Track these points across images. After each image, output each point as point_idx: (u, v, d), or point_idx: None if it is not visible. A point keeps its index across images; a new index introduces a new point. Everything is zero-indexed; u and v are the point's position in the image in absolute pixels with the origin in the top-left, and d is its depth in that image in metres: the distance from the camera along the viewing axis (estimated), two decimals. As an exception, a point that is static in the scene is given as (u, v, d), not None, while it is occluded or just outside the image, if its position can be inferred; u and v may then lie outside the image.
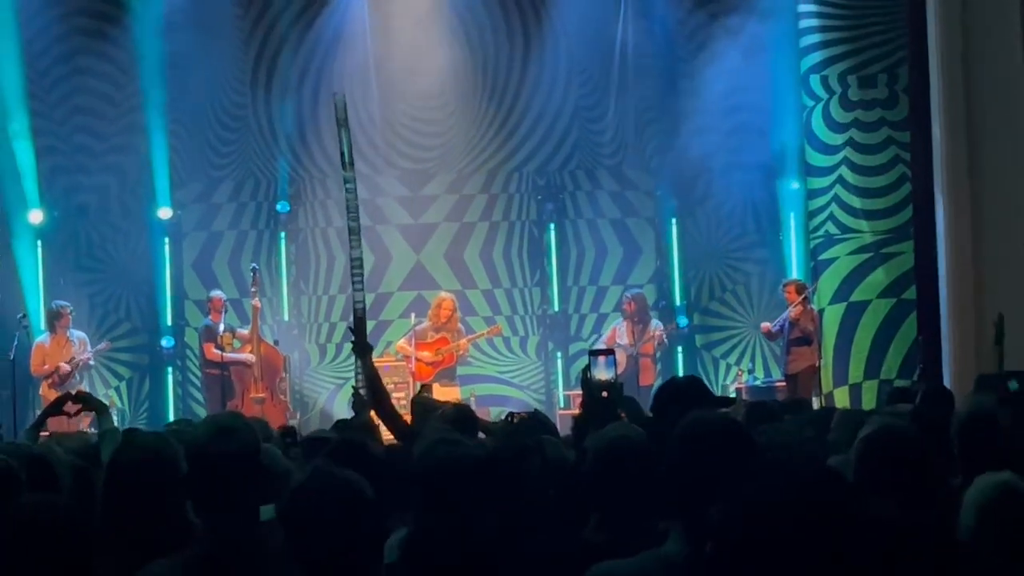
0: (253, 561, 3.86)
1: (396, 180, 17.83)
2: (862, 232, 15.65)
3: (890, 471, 4.13)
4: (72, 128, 17.05)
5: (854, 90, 15.74)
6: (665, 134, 17.12)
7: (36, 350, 15.25)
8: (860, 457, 4.30)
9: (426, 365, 15.35)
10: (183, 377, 17.44)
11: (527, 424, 6.20)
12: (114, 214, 17.21)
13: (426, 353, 15.41)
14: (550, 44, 17.52)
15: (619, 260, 17.73)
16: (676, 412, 5.24)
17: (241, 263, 17.33)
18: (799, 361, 15.12)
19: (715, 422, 4.12)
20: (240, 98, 17.56)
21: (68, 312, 15.36)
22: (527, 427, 6.06)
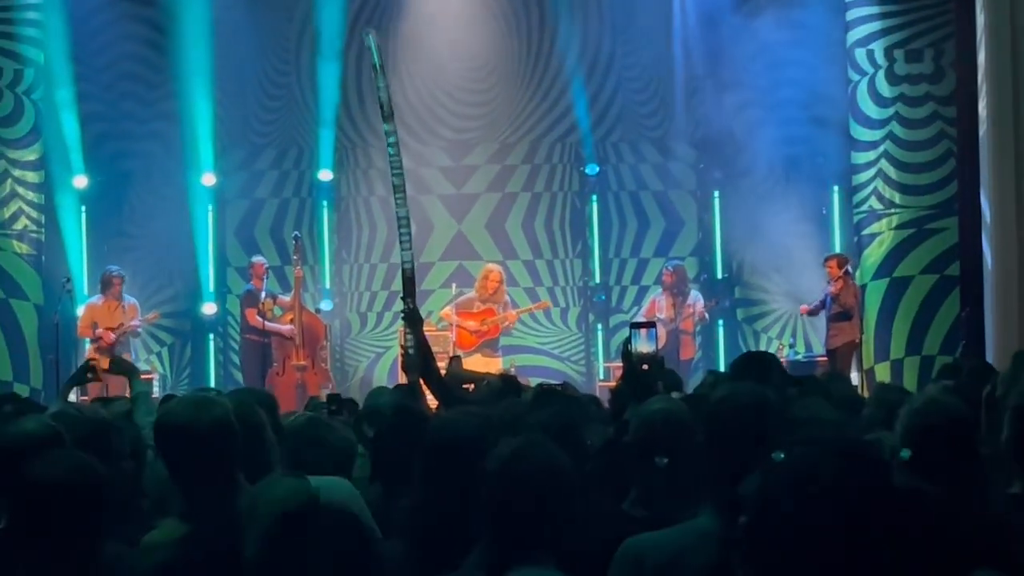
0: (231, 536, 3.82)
1: (439, 150, 17.84)
2: (906, 207, 15.55)
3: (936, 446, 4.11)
4: (118, 94, 17.10)
5: (900, 64, 15.62)
6: (709, 106, 17.04)
7: (86, 311, 15.38)
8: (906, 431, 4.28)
9: (471, 334, 15.34)
10: (224, 344, 17.52)
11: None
12: (157, 180, 17.26)
13: (471, 322, 15.40)
14: (595, 15, 17.48)
15: (661, 232, 17.70)
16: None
17: (283, 231, 17.38)
18: (840, 336, 15.07)
19: (747, 396, 4.12)
20: (284, 65, 17.60)
21: (119, 279, 15.44)
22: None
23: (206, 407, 4.18)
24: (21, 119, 15.63)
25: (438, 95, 17.81)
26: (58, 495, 3.55)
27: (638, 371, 5.27)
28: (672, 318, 15.65)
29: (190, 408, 4.17)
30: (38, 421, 4.12)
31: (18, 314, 15.45)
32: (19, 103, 15.62)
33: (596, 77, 17.54)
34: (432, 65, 17.60)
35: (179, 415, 4.17)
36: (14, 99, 15.59)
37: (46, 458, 3.65)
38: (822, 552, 2.51)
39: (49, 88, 15.97)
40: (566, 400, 5.97)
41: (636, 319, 15.86)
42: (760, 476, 2.66)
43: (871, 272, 15.64)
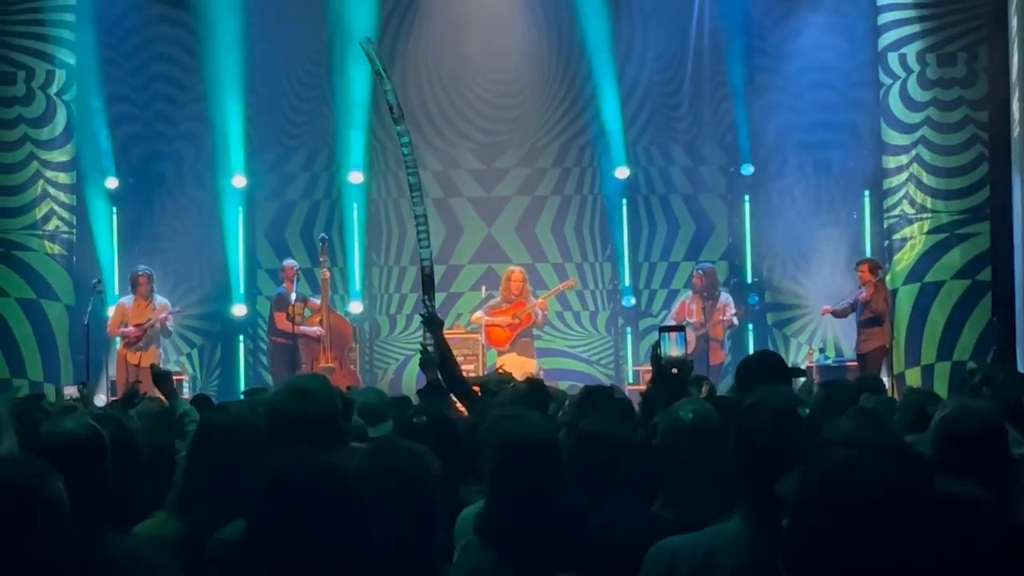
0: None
1: (469, 153, 17.84)
2: (938, 212, 15.49)
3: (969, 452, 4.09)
4: (150, 96, 17.16)
5: (932, 68, 15.56)
6: (740, 110, 17.00)
7: (117, 310, 15.40)
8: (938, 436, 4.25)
9: (503, 329, 15.34)
10: (254, 345, 17.56)
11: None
12: (189, 182, 17.32)
13: (503, 318, 15.40)
14: (626, 18, 17.45)
15: (691, 236, 17.66)
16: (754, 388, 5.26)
17: (314, 233, 17.40)
18: (870, 341, 15.01)
19: (776, 400, 4.12)
20: (315, 68, 17.62)
21: (148, 278, 15.45)
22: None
23: (310, 398, 4.29)
24: (53, 120, 15.72)
25: (468, 98, 17.81)
26: None
27: (667, 374, 5.25)
28: (702, 322, 15.59)
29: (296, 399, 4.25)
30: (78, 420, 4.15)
31: (49, 314, 15.53)
32: (51, 104, 15.70)
33: (626, 80, 17.49)
34: (462, 67, 17.61)
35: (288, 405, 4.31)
36: (46, 100, 15.67)
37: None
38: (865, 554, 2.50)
39: (81, 90, 16.03)
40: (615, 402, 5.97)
41: (665, 322, 15.87)
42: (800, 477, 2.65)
43: (902, 277, 15.59)
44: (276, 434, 4.32)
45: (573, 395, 6.78)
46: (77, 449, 3.92)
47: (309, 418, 4.27)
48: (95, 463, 3.95)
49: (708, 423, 4.56)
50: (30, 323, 15.43)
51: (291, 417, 4.28)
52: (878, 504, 2.52)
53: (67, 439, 3.96)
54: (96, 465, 3.94)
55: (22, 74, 15.62)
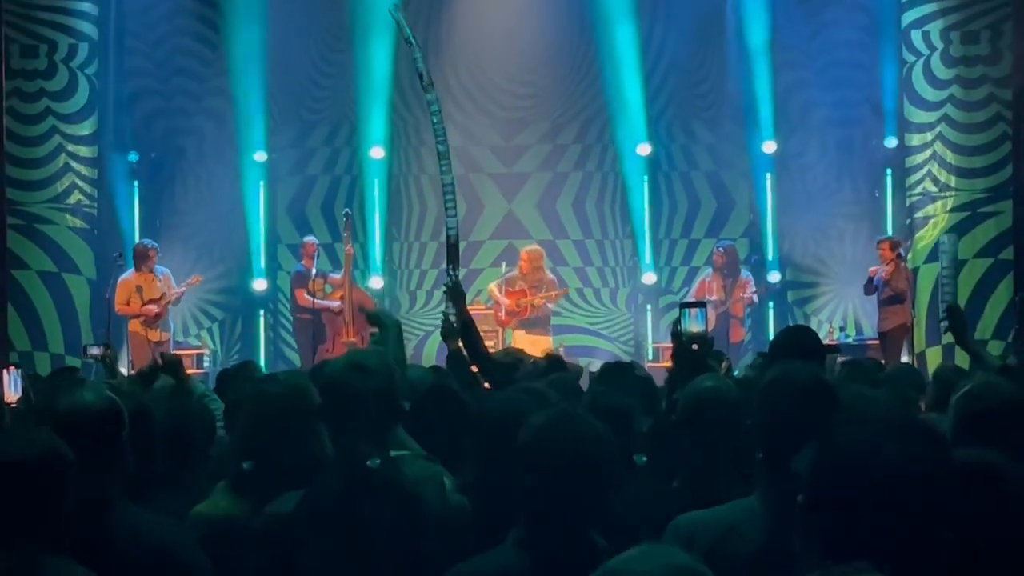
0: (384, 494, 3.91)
1: (490, 129, 17.81)
2: (960, 190, 15.43)
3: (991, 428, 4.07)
4: (171, 70, 17.17)
5: (956, 46, 15.48)
6: (762, 88, 16.92)
7: (121, 287, 15.06)
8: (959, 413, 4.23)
9: (506, 313, 15.32)
10: (274, 320, 17.59)
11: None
12: (210, 156, 17.33)
13: (508, 302, 15.37)
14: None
15: (712, 213, 17.63)
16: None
17: (334, 208, 17.41)
18: (891, 319, 14.98)
19: (798, 375, 4.10)
20: (336, 42, 17.59)
21: (155, 252, 15.33)
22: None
23: (370, 373, 4.31)
24: (75, 94, 15.72)
25: (489, 74, 17.77)
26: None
27: (688, 351, 5.23)
28: (722, 300, 15.57)
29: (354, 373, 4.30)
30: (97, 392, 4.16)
31: (71, 288, 15.56)
32: (73, 78, 15.71)
33: (649, 56, 17.42)
34: (484, 43, 17.56)
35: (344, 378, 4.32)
36: (68, 73, 15.68)
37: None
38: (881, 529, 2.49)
39: (103, 63, 16.04)
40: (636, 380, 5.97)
41: (686, 299, 15.84)
42: (816, 453, 2.64)
43: (924, 255, 15.54)
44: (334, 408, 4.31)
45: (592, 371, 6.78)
46: (94, 421, 3.93)
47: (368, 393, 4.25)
48: (111, 435, 3.96)
49: (727, 399, 4.56)
50: (52, 296, 15.46)
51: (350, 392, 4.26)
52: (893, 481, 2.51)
53: (84, 411, 3.97)
54: (112, 437, 3.96)
55: (44, 47, 15.63)
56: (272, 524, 4.09)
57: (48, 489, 3.39)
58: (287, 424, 4.41)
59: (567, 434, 3.56)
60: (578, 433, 3.57)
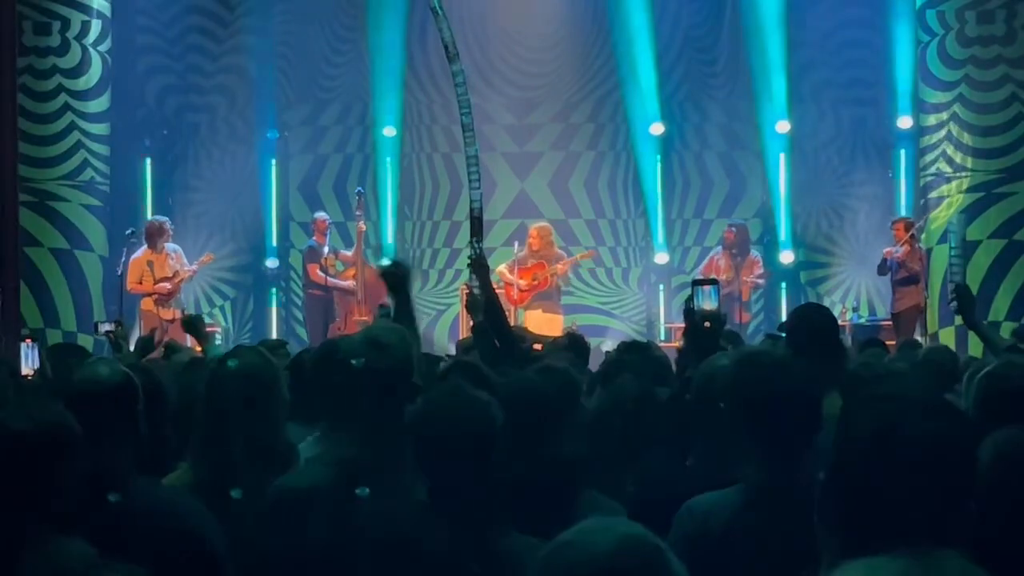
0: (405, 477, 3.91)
1: (502, 107, 17.77)
2: (975, 171, 15.36)
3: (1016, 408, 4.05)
4: (184, 47, 17.17)
5: (971, 26, 15.39)
6: (776, 67, 16.86)
7: (133, 265, 15.13)
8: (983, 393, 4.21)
9: (521, 291, 15.25)
10: (287, 299, 17.60)
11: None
12: (222, 134, 17.35)
13: (522, 280, 15.29)
14: (662, -27, 17.32)
15: (725, 193, 17.59)
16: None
17: (346, 187, 17.40)
18: (905, 300, 14.96)
19: (774, 356, 4.09)
20: (350, 20, 17.57)
21: (168, 227, 15.36)
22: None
23: (387, 351, 4.28)
24: (88, 71, 15.68)
25: (502, 52, 17.74)
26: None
27: (701, 329, 5.21)
28: (730, 279, 15.52)
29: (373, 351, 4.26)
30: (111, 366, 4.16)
31: (83, 265, 15.54)
32: (86, 54, 15.67)
33: (662, 36, 17.37)
34: (496, 22, 17.52)
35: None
36: (81, 50, 15.64)
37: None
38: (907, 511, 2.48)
39: (116, 40, 16.01)
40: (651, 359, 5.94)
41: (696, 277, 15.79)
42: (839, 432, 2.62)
43: (937, 236, 15.48)
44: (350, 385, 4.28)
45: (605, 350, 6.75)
46: (109, 395, 3.94)
47: (385, 371, 4.22)
48: (126, 409, 3.96)
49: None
50: (64, 273, 15.45)
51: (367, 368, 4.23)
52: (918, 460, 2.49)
53: (100, 385, 3.97)
54: (127, 411, 3.95)
55: (57, 24, 15.59)
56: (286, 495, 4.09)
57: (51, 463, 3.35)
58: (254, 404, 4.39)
59: (451, 409, 3.70)
60: (461, 407, 3.70)
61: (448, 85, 17.13)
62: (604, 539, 2.26)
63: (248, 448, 4.30)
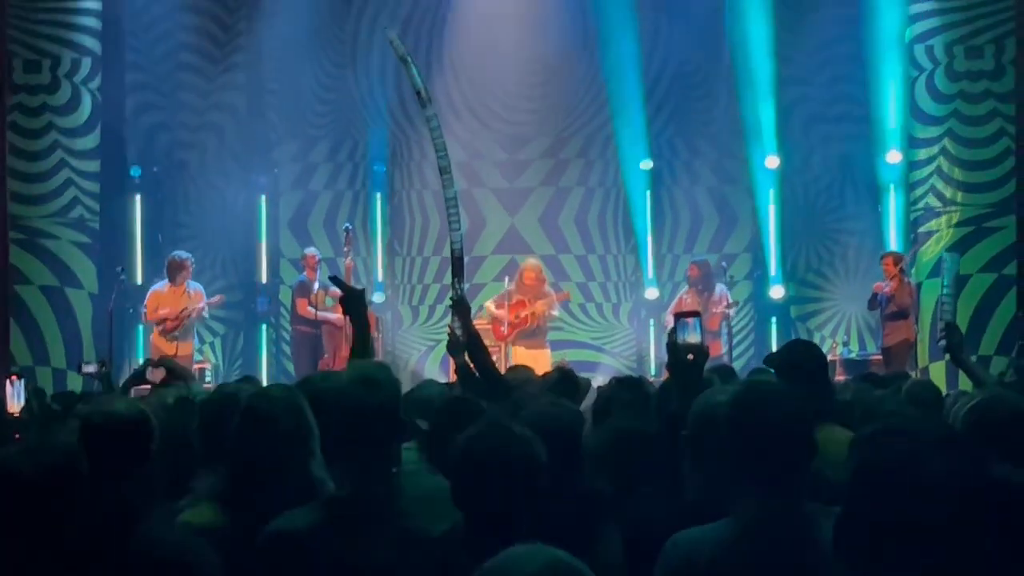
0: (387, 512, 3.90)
1: (493, 143, 17.81)
2: (964, 205, 15.40)
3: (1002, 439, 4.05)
4: (175, 85, 17.18)
5: (960, 61, 15.46)
6: (765, 103, 16.92)
7: (151, 297, 15.19)
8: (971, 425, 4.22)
9: (503, 326, 15.20)
10: (277, 335, 17.57)
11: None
12: (212, 171, 17.35)
13: (507, 315, 15.24)
14: (650, 10, 17.39)
15: (715, 228, 17.62)
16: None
17: (336, 223, 17.41)
18: (895, 335, 14.95)
19: (770, 387, 4.08)
20: (339, 57, 17.61)
21: (190, 264, 15.34)
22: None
23: (377, 387, 4.24)
24: (78, 108, 15.70)
25: (492, 88, 17.77)
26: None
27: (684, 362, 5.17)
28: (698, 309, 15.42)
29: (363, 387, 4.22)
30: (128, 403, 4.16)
31: (73, 303, 15.52)
32: (76, 92, 15.69)
33: (651, 72, 17.45)
34: (486, 59, 17.55)
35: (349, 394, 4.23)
36: (71, 88, 15.66)
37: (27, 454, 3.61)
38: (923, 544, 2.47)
39: (106, 77, 16.03)
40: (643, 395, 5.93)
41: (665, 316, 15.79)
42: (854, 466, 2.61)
43: (927, 270, 15.50)
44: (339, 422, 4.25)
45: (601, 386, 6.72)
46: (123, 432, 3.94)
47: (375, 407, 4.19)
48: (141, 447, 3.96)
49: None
50: (53, 311, 15.43)
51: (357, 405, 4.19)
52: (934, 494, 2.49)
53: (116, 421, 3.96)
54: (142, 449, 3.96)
55: (47, 62, 15.62)
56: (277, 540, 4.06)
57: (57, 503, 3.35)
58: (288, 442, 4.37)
59: (500, 444, 3.76)
60: (511, 443, 3.76)
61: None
62: (530, 564, 2.34)
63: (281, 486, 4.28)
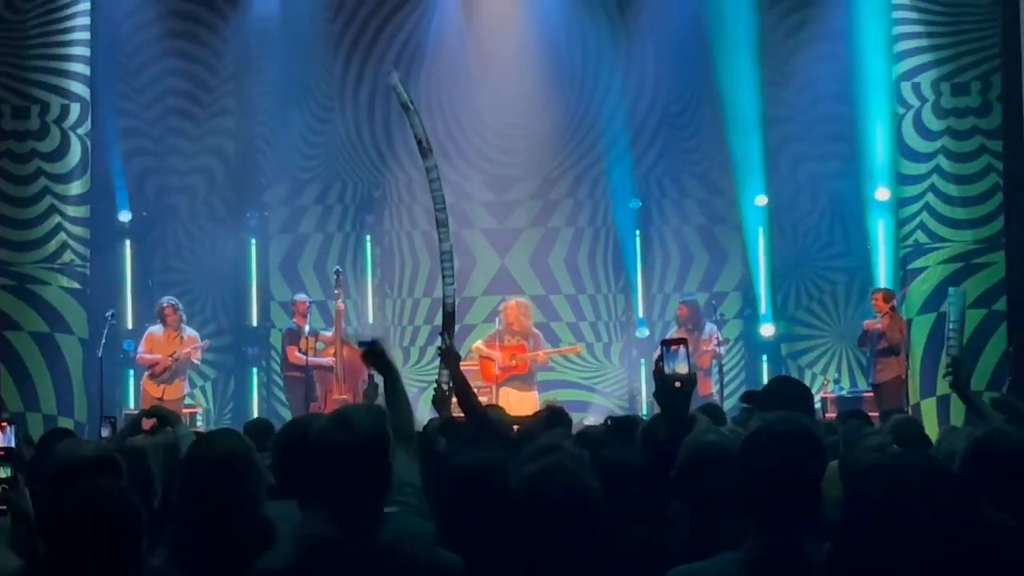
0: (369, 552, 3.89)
1: (482, 184, 17.84)
2: (953, 241, 15.43)
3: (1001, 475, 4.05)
4: (164, 130, 17.21)
5: (947, 97, 15.52)
6: (753, 142, 16.97)
7: (147, 339, 15.31)
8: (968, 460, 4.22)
9: (497, 367, 15.16)
10: (267, 378, 17.54)
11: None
12: (202, 215, 17.36)
13: (501, 355, 15.22)
14: (638, 50, 17.46)
15: (705, 267, 17.63)
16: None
17: (327, 265, 17.40)
18: (886, 371, 14.96)
19: (786, 426, 4.06)
20: (328, 101, 17.65)
21: (172, 310, 15.33)
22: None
23: (353, 428, 4.22)
24: (67, 154, 15.71)
25: (481, 130, 17.81)
26: (94, 525, 3.59)
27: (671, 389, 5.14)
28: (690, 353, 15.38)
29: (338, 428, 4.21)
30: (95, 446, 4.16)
31: (63, 348, 15.49)
32: (65, 138, 15.70)
33: (639, 112, 17.52)
34: (474, 100, 17.60)
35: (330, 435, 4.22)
36: (60, 134, 15.67)
37: (79, 489, 3.69)
38: None
39: (95, 124, 16.04)
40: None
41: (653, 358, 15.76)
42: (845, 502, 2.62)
43: (917, 306, 15.51)
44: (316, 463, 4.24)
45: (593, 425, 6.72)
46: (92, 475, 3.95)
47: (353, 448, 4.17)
48: None
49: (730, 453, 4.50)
50: (44, 357, 15.40)
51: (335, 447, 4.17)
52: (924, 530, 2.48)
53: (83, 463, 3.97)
54: None
55: (36, 108, 15.64)
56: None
57: None
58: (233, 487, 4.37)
59: (564, 482, 3.72)
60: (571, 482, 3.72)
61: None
62: None
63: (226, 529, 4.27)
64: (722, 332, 15.81)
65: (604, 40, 17.52)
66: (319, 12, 17.41)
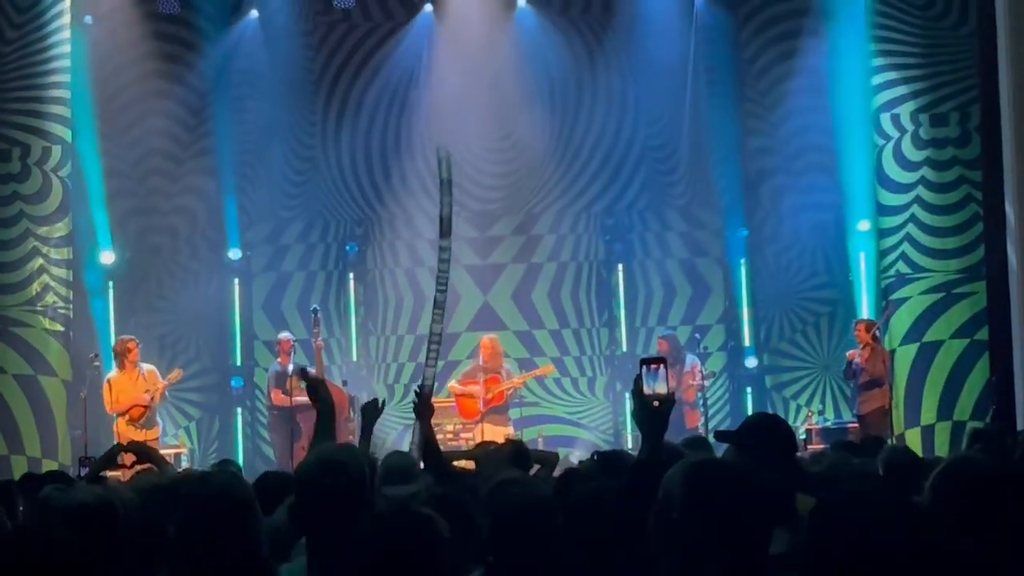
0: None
1: (464, 221, 17.81)
2: (934, 272, 15.46)
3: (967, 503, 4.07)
4: (145, 170, 17.22)
5: (926, 128, 15.56)
6: (734, 174, 17.05)
7: (108, 387, 15.05)
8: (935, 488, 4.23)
9: (475, 402, 15.13)
10: (252, 417, 17.51)
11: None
12: (184, 255, 17.35)
13: (478, 389, 15.20)
14: (618, 85, 17.55)
15: (688, 300, 17.66)
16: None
17: (310, 303, 17.38)
18: (870, 402, 14.97)
19: (720, 469, 4.04)
20: (309, 139, 17.70)
21: (135, 345, 15.25)
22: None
23: (340, 469, 4.24)
24: (49, 196, 15.66)
25: (463, 166, 17.77)
26: None
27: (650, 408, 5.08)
28: (673, 388, 15.38)
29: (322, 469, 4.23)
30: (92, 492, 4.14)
31: (46, 390, 15.43)
32: (47, 180, 15.67)
33: (620, 146, 17.59)
34: (454, 138, 17.60)
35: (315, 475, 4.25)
36: (42, 176, 15.64)
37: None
38: None
39: (77, 166, 16.03)
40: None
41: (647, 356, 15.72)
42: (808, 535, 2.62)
43: (900, 337, 15.53)
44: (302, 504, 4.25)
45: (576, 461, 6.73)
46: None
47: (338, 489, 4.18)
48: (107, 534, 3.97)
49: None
50: (27, 399, 15.32)
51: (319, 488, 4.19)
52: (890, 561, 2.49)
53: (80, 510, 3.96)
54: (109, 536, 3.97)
55: (17, 151, 15.61)
56: None
57: None
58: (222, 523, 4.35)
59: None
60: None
61: (408, 198, 17.29)
62: None
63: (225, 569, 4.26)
64: (706, 365, 15.81)
65: (584, 75, 17.60)
66: (299, 52, 17.47)
